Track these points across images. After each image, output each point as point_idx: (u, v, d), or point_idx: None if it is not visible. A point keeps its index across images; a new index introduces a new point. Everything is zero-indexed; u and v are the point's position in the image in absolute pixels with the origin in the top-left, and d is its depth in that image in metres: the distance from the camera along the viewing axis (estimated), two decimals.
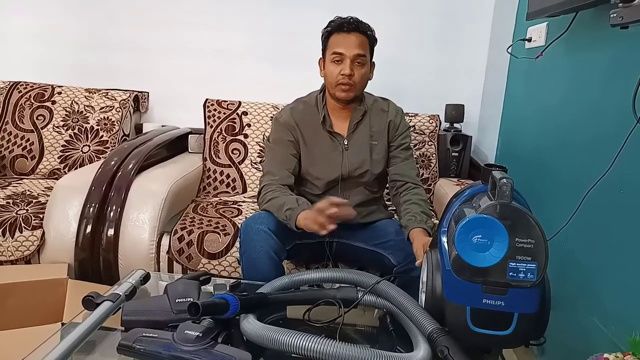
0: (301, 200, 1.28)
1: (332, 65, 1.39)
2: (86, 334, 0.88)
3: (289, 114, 1.47)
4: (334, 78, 1.38)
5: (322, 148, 1.45)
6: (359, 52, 1.37)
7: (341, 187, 1.46)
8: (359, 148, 1.46)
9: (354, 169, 1.45)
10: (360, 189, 1.48)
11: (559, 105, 1.38)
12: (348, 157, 1.45)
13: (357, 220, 1.44)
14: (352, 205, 1.42)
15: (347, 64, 1.36)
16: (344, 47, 1.36)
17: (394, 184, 1.49)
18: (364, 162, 1.45)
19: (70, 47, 2.29)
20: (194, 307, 0.84)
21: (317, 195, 1.47)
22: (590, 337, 1.07)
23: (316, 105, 1.47)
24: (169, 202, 1.64)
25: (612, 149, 0.97)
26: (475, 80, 2.23)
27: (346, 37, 1.37)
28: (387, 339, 1.02)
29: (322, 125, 1.44)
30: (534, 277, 0.76)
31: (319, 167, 1.45)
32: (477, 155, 2.17)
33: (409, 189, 1.45)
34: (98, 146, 2.08)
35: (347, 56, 1.36)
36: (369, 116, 1.47)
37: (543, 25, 1.48)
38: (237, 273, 1.51)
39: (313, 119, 1.45)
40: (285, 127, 1.45)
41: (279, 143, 1.45)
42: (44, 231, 1.56)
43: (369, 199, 1.49)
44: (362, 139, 1.46)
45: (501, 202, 0.79)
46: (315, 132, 1.45)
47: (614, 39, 1.08)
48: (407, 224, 1.34)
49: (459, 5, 2.18)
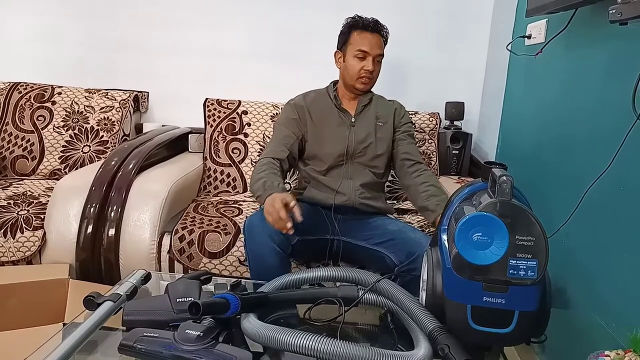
0: (268, 183, 1.31)
1: (355, 60, 1.52)
2: (87, 334, 0.88)
3: (301, 97, 1.61)
4: (357, 72, 1.52)
5: (330, 124, 1.55)
6: (381, 52, 1.53)
7: (346, 166, 1.53)
8: (365, 125, 1.56)
9: (359, 142, 1.53)
10: (365, 170, 1.54)
11: (559, 102, 1.38)
12: (354, 132, 1.54)
13: (361, 201, 1.50)
14: (357, 185, 1.51)
15: (370, 61, 1.51)
16: (369, 47, 1.50)
17: (402, 163, 1.55)
18: (368, 135, 1.54)
19: (70, 48, 2.29)
20: (194, 306, 0.84)
21: (322, 172, 1.53)
22: (591, 335, 1.07)
23: (327, 92, 1.60)
24: (169, 202, 1.64)
25: (612, 145, 0.97)
26: (475, 77, 2.22)
27: (371, 38, 1.51)
28: (387, 337, 1.02)
29: (334, 101, 1.56)
30: (534, 275, 0.76)
31: (326, 142, 1.54)
32: (477, 152, 2.16)
33: (420, 170, 1.51)
34: (98, 146, 2.09)
35: (371, 55, 1.50)
36: (376, 103, 1.61)
37: (543, 22, 1.48)
38: (237, 272, 1.51)
39: (324, 101, 1.59)
40: (294, 107, 1.57)
41: (283, 122, 1.57)
42: (45, 232, 1.56)
43: (372, 182, 1.55)
44: (368, 118, 1.58)
45: (501, 199, 0.79)
46: (325, 110, 1.57)
47: (614, 36, 1.08)
48: (435, 208, 1.36)
49: (459, 3, 2.17)
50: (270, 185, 1.31)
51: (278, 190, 1.28)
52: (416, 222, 1.74)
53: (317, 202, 1.50)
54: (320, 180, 1.53)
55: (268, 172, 1.38)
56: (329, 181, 1.52)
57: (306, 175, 1.57)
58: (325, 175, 1.54)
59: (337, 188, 1.50)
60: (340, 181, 1.51)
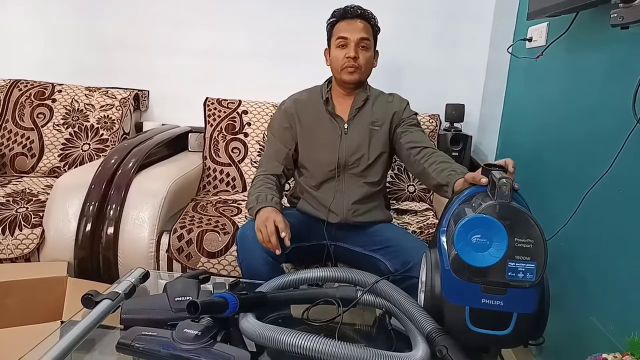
0: (261, 197, 1.31)
1: (337, 50, 1.42)
2: (85, 332, 0.88)
3: (292, 102, 1.51)
4: (340, 62, 1.41)
5: (321, 132, 1.46)
6: (363, 35, 1.40)
7: (339, 179, 1.45)
8: (358, 133, 1.45)
9: (350, 154, 1.44)
10: (359, 183, 1.46)
11: (559, 105, 1.38)
12: (346, 141, 1.45)
13: (354, 219, 1.44)
14: (349, 203, 1.44)
15: (351, 47, 1.40)
16: (348, 32, 1.40)
17: (409, 154, 1.41)
18: (361, 145, 1.45)
19: (70, 46, 2.29)
20: (193, 305, 0.84)
21: (314, 187, 1.47)
22: (589, 337, 1.07)
23: (320, 92, 1.50)
24: (168, 201, 1.64)
25: (612, 149, 0.97)
26: (475, 80, 2.22)
27: (350, 23, 1.41)
28: (386, 338, 1.02)
29: (325, 106, 1.46)
30: (533, 277, 0.76)
31: (317, 152, 1.46)
32: (477, 155, 2.17)
33: (428, 154, 1.35)
34: (98, 144, 2.08)
35: (352, 40, 1.39)
36: (372, 103, 1.48)
37: (544, 25, 1.48)
38: (236, 272, 1.51)
39: (315, 104, 1.48)
40: (284, 114, 1.50)
41: (275, 130, 1.51)
42: (43, 229, 1.56)
43: (368, 195, 1.46)
44: (362, 124, 1.46)
45: (500, 201, 0.79)
46: (317, 117, 1.47)
47: (615, 39, 1.08)
48: (449, 180, 1.20)
49: (460, 5, 2.17)
50: (263, 199, 1.30)
51: (272, 205, 1.27)
52: (415, 222, 1.74)
53: (311, 215, 1.48)
54: (313, 194, 1.47)
55: (263, 187, 1.37)
56: (321, 197, 1.45)
57: (300, 186, 1.53)
58: (318, 189, 1.47)
59: (330, 206, 1.43)
60: (333, 197, 1.43)
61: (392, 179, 1.99)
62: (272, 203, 1.29)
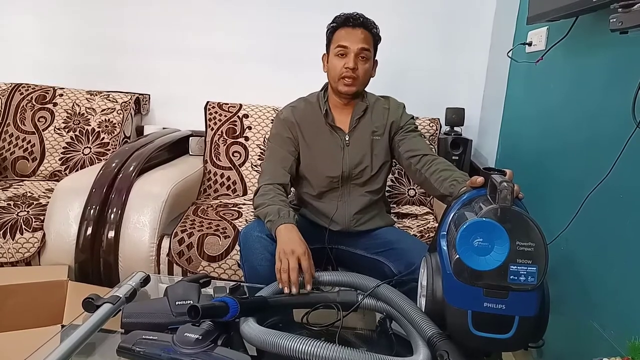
0: (283, 212, 1.24)
1: (336, 58, 1.38)
2: (86, 336, 0.88)
3: (290, 111, 1.47)
4: (338, 71, 1.38)
5: (323, 144, 1.43)
6: (364, 46, 1.37)
7: (341, 190, 1.44)
8: (360, 144, 1.44)
9: (354, 166, 1.42)
10: (361, 194, 1.45)
11: (559, 109, 1.38)
12: (349, 153, 1.43)
13: (356, 228, 1.44)
14: (352, 213, 1.43)
15: (351, 58, 1.36)
16: (349, 41, 1.36)
17: (409, 163, 1.39)
18: (364, 157, 1.43)
19: (71, 50, 2.30)
20: (193, 309, 0.84)
21: (315, 197, 1.46)
22: (589, 341, 1.07)
23: (318, 102, 1.46)
24: (169, 205, 1.64)
25: (611, 153, 0.97)
26: (475, 83, 2.23)
27: (351, 32, 1.37)
28: (386, 342, 1.02)
29: (325, 119, 1.43)
30: (534, 281, 0.76)
31: (319, 164, 1.43)
32: (477, 159, 2.17)
33: (428, 162, 1.34)
34: (99, 148, 2.09)
35: (352, 50, 1.36)
36: (371, 112, 1.46)
37: (543, 30, 1.48)
38: (237, 276, 1.51)
39: (314, 115, 1.45)
40: (285, 124, 1.45)
41: (277, 140, 1.45)
42: (44, 233, 1.56)
43: (369, 204, 1.46)
44: (363, 134, 1.44)
45: (502, 205, 0.79)
46: (317, 129, 1.44)
47: (614, 44, 1.09)
48: (451, 190, 1.20)
49: (460, 9, 2.18)
50: (285, 214, 1.23)
51: (292, 222, 1.21)
52: (416, 226, 1.74)
53: (312, 221, 1.47)
54: (315, 205, 1.46)
55: (276, 198, 1.30)
56: (323, 207, 1.45)
57: (299, 196, 1.51)
58: (319, 199, 1.45)
59: (332, 216, 1.42)
60: (336, 207, 1.43)
61: (392, 182, 1.99)
62: (293, 220, 1.23)
